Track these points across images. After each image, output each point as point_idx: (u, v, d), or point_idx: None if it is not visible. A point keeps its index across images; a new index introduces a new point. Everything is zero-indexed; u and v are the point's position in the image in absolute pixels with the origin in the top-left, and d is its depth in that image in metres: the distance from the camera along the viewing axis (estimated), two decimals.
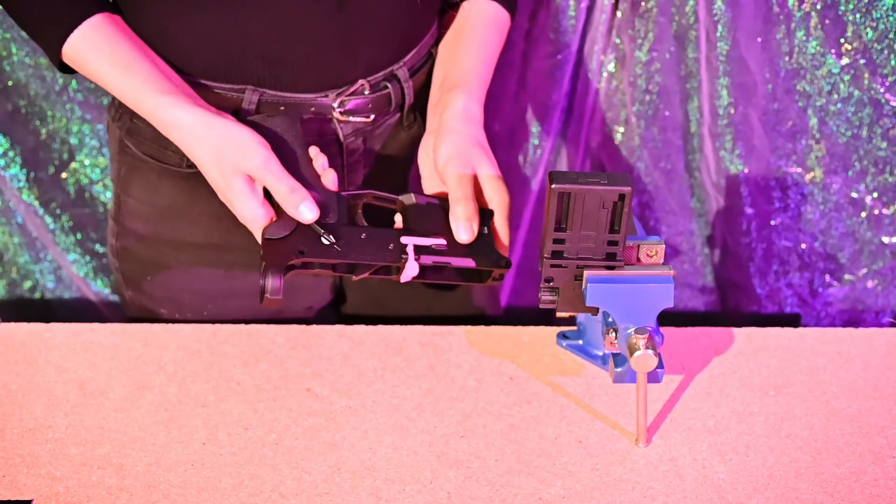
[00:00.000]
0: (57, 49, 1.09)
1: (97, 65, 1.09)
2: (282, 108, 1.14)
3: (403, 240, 1.07)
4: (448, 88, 1.17)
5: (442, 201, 1.12)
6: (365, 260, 1.05)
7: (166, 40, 1.12)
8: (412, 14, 1.17)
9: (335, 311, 1.38)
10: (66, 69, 1.11)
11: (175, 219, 1.23)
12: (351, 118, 1.17)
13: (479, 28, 1.22)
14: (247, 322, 1.22)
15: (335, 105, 1.16)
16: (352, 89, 1.16)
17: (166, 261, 1.26)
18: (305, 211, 1.03)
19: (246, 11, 1.09)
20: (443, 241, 1.08)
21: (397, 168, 1.26)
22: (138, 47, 1.10)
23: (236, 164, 1.05)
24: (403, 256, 1.06)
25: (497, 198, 1.11)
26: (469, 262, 1.08)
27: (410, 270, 1.06)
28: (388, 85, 1.18)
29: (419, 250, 1.07)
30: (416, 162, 1.19)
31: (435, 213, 1.11)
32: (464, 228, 1.07)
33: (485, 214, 1.10)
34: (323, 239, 1.04)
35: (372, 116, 1.19)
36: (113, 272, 1.33)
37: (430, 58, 1.24)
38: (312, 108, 1.16)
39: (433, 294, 1.31)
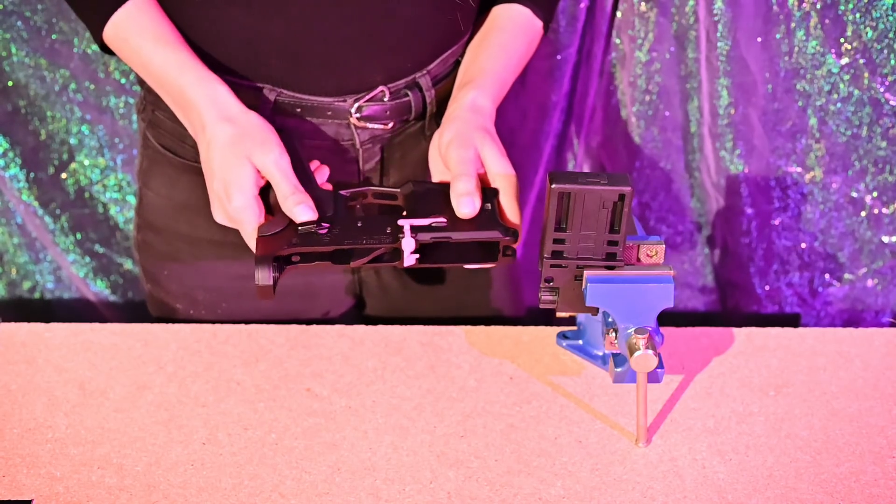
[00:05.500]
0: (100, 26, 1.10)
1: (140, 41, 1.09)
2: (298, 109, 1.14)
3: (400, 222, 1.03)
4: (462, 87, 1.15)
5: (443, 186, 1.08)
6: (359, 244, 1.02)
7: (187, 32, 1.12)
8: (438, 21, 1.15)
9: (354, 317, 1.37)
10: (106, 49, 1.13)
11: (191, 214, 1.23)
12: (368, 124, 1.16)
13: (505, 32, 1.19)
14: (262, 323, 1.22)
15: (352, 110, 1.14)
16: (370, 95, 1.14)
17: (182, 256, 1.26)
18: (301, 212, 1.02)
19: (265, 7, 1.09)
20: (443, 220, 1.04)
21: (417, 177, 1.22)
22: (176, 31, 1.11)
23: (250, 153, 1.04)
24: (400, 236, 1.02)
25: (502, 174, 1.07)
26: (471, 235, 1.03)
27: (408, 247, 1.02)
28: (409, 93, 1.16)
29: (417, 229, 1.03)
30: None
31: (434, 196, 1.08)
32: (465, 202, 1.03)
33: (488, 193, 1.07)
34: (315, 228, 1.03)
35: (390, 124, 1.17)
36: (137, 266, 1.34)
37: (458, 67, 1.21)
38: (329, 112, 1.15)
39: (454, 297, 1.30)
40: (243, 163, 1.04)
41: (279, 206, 1.04)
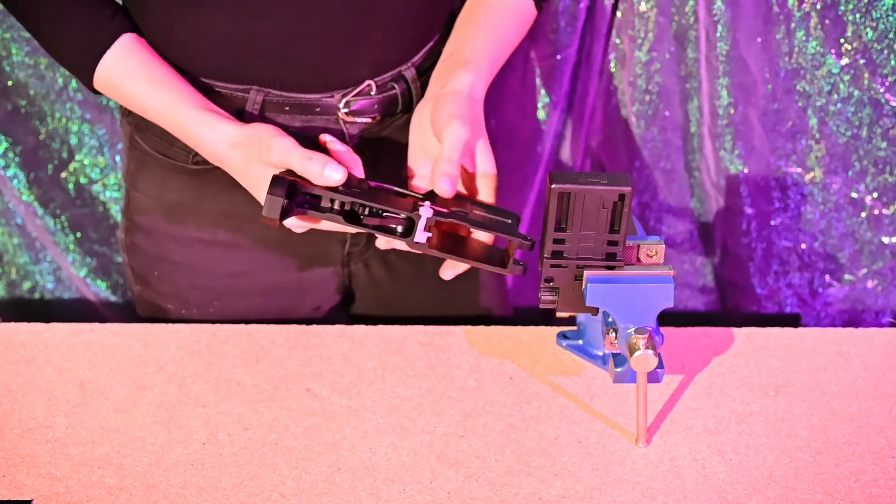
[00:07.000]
0: (89, 74, 1.11)
1: (133, 84, 1.11)
2: (286, 108, 1.14)
3: (422, 204, 1.02)
4: (457, 64, 1.13)
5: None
6: (376, 203, 1.01)
7: (171, 40, 1.12)
8: (420, 13, 1.16)
9: (344, 312, 1.37)
10: (99, 93, 1.14)
11: (182, 215, 1.23)
12: (357, 119, 1.17)
13: (499, 11, 1.18)
14: (253, 321, 1.22)
15: (340, 105, 1.15)
16: (357, 90, 1.15)
17: (173, 256, 1.26)
18: (330, 170, 1.01)
19: (250, 11, 1.09)
20: (464, 212, 1.04)
21: (405, 168, 1.24)
22: (166, 66, 1.12)
23: (264, 162, 1.05)
24: (419, 205, 1.01)
25: (488, 172, 1.08)
26: (489, 223, 1.02)
27: (425, 214, 1.00)
28: (395, 86, 1.17)
29: (437, 213, 1.02)
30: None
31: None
32: (446, 180, 1.02)
33: (510, 214, 1.07)
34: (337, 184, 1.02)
35: (378, 117, 1.18)
36: (124, 267, 1.34)
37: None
38: (317, 108, 1.15)
39: (442, 295, 1.30)
40: (263, 172, 1.05)
41: None
